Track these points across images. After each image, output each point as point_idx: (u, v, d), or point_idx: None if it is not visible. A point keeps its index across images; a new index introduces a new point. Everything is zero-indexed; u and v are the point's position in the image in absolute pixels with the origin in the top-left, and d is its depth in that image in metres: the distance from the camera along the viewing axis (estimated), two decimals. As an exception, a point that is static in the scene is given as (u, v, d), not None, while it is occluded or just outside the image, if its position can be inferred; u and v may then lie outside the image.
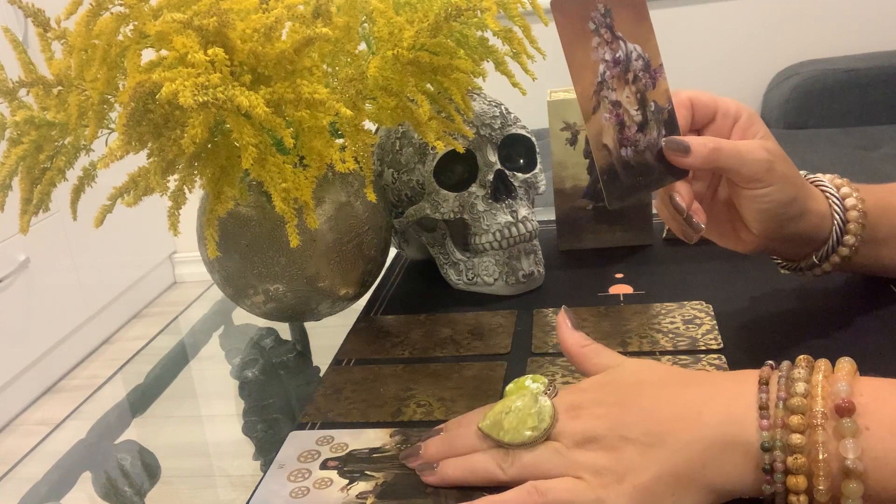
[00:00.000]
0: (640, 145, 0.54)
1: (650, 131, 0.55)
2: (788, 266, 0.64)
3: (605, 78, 0.53)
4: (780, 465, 0.39)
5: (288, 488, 0.50)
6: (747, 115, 0.58)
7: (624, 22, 0.53)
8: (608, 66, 0.53)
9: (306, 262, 0.66)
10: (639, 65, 0.54)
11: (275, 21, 0.51)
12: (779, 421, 0.39)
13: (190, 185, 0.56)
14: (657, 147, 0.55)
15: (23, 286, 2.19)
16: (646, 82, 0.54)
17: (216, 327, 0.83)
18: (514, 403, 0.46)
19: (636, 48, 0.54)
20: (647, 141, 0.55)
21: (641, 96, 0.54)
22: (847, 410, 0.38)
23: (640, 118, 0.54)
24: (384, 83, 0.59)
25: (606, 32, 0.53)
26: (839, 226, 0.58)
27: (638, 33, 0.54)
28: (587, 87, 0.53)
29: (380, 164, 0.78)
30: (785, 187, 0.56)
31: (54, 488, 0.57)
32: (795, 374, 0.41)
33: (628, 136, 0.54)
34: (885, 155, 1.90)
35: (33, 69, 0.59)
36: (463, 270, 0.76)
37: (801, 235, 0.59)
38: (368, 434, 0.55)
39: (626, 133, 0.54)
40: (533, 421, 0.44)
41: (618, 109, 0.54)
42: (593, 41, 0.52)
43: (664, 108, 0.55)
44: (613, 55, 0.53)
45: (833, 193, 0.59)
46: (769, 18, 2.29)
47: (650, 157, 0.55)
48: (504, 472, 0.45)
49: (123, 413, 0.68)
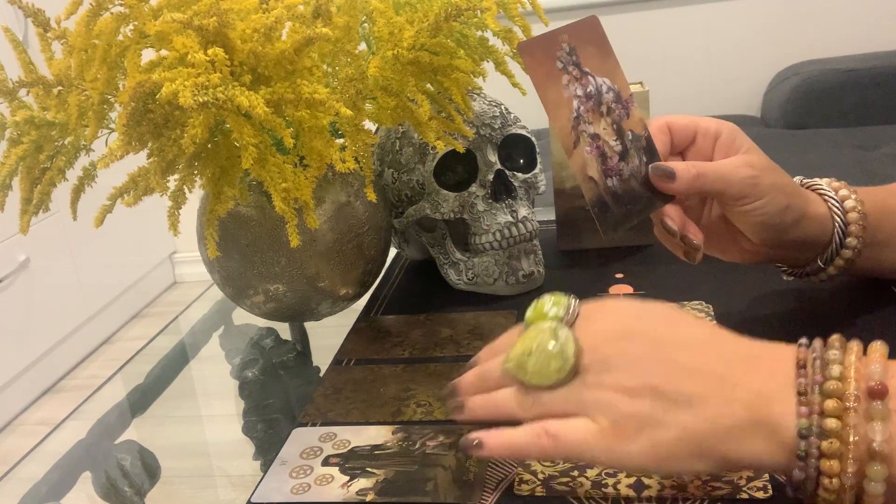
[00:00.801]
0: (624, 174, 0.55)
1: (631, 159, 0.56)
2: (793, 272, 0.63)
3: (581, 112, 0.54)
4: (814, 451, 0.38)
5: (289, 485, 0.50)
6: (728, 132, 0.57)
7: (589, 58, 0.55)
8: (581, 101, 0.54)
9: (306, 262, 0.66)
10: (610, 97, 0.56)
11: (275, 21, 0.51)
12: (816, 407, 0.38)
13: (190, 185, 0.56)
14: (641, 174, 0.56)
15: (23, 286, 2.19)
16: (619, 113, 0.56)
17: (216, 327, 0.83)
18: (534, 342, 0.43)
19: (605, 81, 0.56)
20: (631, 169, 0.56)
21: (618, 126, 0.56)
22: (880, 393, 0.37)
23: (619, 147, 0.55)
24: (384, 83, 0.59)
25: (574, 69, 0.54)
26: (840, 228, 0.58)
27: (604, 67, 0.56)
28: (565, 124, 0.54)
29: (380, 164, 0.78)
30: (775, 198, 0.55)
31: (54, 488, 0.57)
32: (830, 356, 0.39)
33: (612, 166, 0.55)
34: (885, 155, 1.89)
35: (33, 69, 0.59)
36: (463, 270, 0.76)
37: (802, 241, 0.58)
38: (370, 431, 0.55)
39: (609, 163, 0.55)
40: (557, 362, 0.42)
41: (597, 141, 0.55)
42: (563, 79, 0.54)
43: (641, 135, 0.56)
44: (585, 90, 0.55)
45: (831, 196, 0.59)
46: (769, 18, 2.29)
47: (636, 184, 0.56)
48: (525, 412, 0.44)
49: (123, 413, 0.68)
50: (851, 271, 0.61)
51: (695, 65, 2.34)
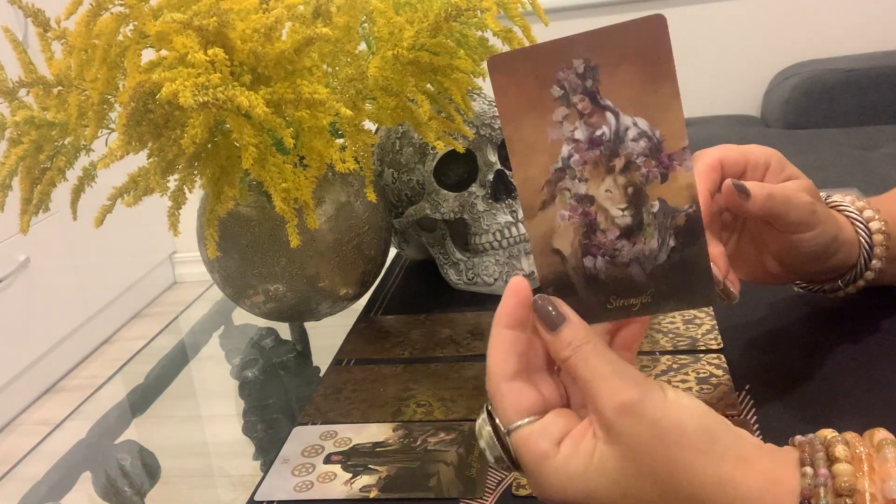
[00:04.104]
0: (620, 256, 0.40)
1: (645, 239, 0.40)
2: (808, 288, 0.62)
3: (571, 163, 0.39)
4: None
5: (292, 482, 0.51)
6: (777, 160, 0.54)
7: (623, 85, 0.38)
8: (578, 148, 0.39)
9: (306, 262, 0.66)
10: (640, 146, 0.39)
11: (275, 21, 0.51)
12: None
13: (190, 185, 0.56)
14: (654, 262, 0.40)
15: (23, 286, 2.19)
16: (648, 172, 0.39)
17: (216, 327, 0.83)
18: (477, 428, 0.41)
19: (639, 123, 0.39)
20: (637, 252, 0.40)
21: (635, 191, 0.40)
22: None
23: (627, 220, 0.40)
24: (384, 83, 0.59)
25: (582, 101, 0.39)
26: (866, 252, 0.57)
27: (648, 101, 0.38)
28: (536, 174, 0.40)
29: (380, 164, 0.78)
30: (827, 228, 0.53)
31: (54, 488, 0.57)
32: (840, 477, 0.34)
33: (600, 242, 0.40)
34: (885, 155, 1.89)
35: (33, 69, 0.59)
36: (463, 270, 0.76)
37: (832, 268, 0.57)
38: (371, 429, 0.55)
39: (598, 238, 0.40)
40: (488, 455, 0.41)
41: (586, 206, 0.40)
42: (556, 113, 0.39)
43: (679, 209, 0.39)
44: (589, 133, 0.39)
45: (858, 218, 0.57)
46: (769, 18, 2.29)
47: (638, 272, 0.40)
48: None
49: (123, 413, 0.68)
50: (869, 286, 0.60)
51: (695, 65, 2.34)
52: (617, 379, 0.37)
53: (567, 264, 0.41)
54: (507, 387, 0.39)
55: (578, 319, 0.40)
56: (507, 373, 0.40)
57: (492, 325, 0.41)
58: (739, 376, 0.55)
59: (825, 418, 0.50)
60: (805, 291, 0.63)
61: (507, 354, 0.40)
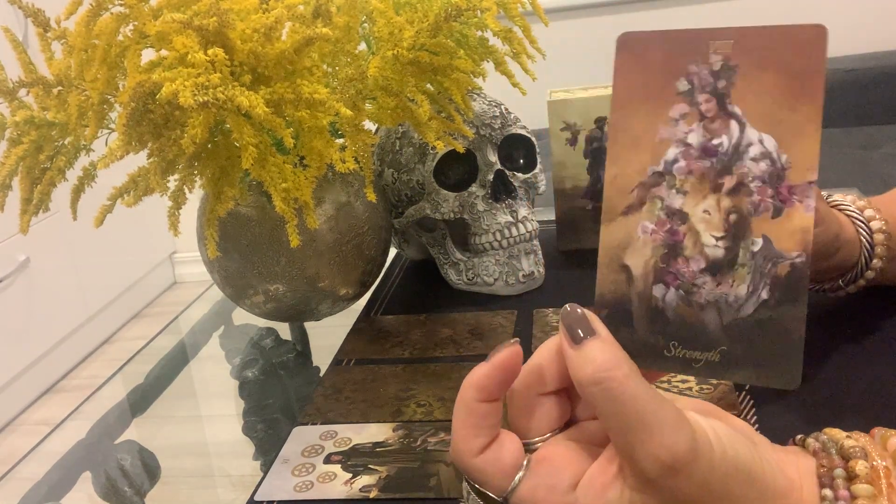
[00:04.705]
0: (698, 294, 0.33)
1: (733, 281, 0.33)
2: (809, 287, 0.62)
3: (674, 169, 0.34)
4: None
5: (292, 482, 0.51)
6: None
7: (759, 94, 0.33)
8: (686, 154, 0.34)
9: (306, 262, 0.66)
10: (758, 168, 0.33)
11: (275, 21, 0.51)
12: None
13: (190, 185, 0.56)
14: (736, 313, 0.33)
15: (23, 286, 2.19)
16: (759, 202, 0.33)
17: (216, 327, 0.83)
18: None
19: (765, 140, 0.33)
20: (718, 295, 0.33)
21: (738, 220, 0.33)
22: None
23: (718, 253, 0.33)
24: (384, 83, 0.59)
25: (709, 101, 0.34)
26: (867, 251, 0.57)
27: (783, 119, 0.33)
28: (630, 174, 0.34)
29: (380, 164, 0.78)
30: (829, 226, 0.53)
31: (54, 488, 0.57)
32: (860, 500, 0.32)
33: (680, 270, 0.34)
34: (885, 155, 1.90)
35: (33, 69, 0.59)
36: (463, 270, 0.76)
37: (833, 266, 0.57)
38: (371, 429, 0.55)
39: (678, 265, 0.34)
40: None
41: (676, 224, 0.34)
42: (675, 109, 0.34)
43: (785, 256, 0.32)
44: (705, 140, 0.33)
45: (859, 218, 0.57)
46: (769, 18, 2.29)
47: (713, 320, 0.33)
48: None
49: (123, 413, 0.68)
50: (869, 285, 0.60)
51: (695, 65, 2.33)
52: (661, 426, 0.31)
53: (632, 287, 0.34)
54: (482, 459, 0.34)
55: (612, 339, 0.33)
56: (476, 449, 0.34)
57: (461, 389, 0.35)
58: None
59: (825, 418, 0.50)
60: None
61: (478, 429, 0.34)
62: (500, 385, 0.34)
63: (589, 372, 0.32)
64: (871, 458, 0.33)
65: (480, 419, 0.34)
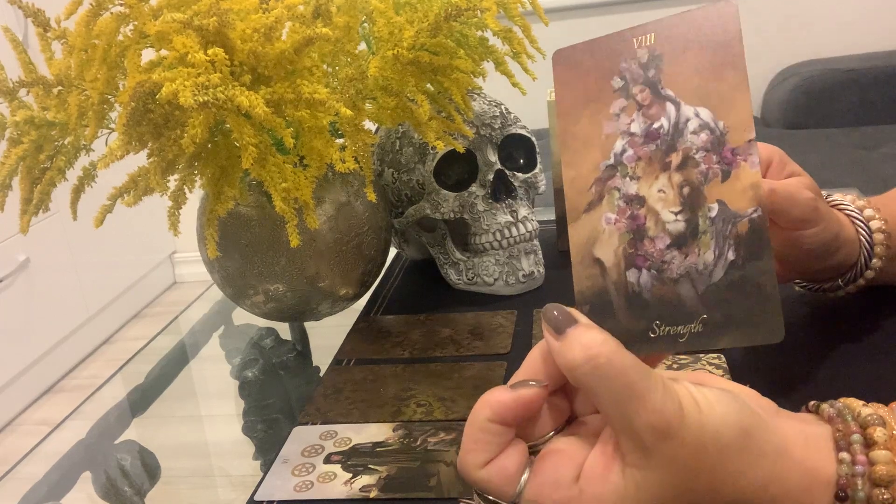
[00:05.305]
0: (669, 270, 0.35)
1: (699, 250, 0.34)
2: (807, 287, 0.62)
3: (624, 159, 0.36)
4: None
5: (292, 482, 0.51)
6: (779, 157, 0.54)
7: (687, 74, 0.35)
8: (632, 143, 0.35)
9: (306, 262, 0.66)
10: (700, 140, 0.35)
11: (275, 21, 0.51)
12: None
13: (190, 185, 0.56)
14: (709, 279, 0.34)
15: (23, 286, 2.19)
16: (707, 170, 0.34)
17: (216, 327, 0.83)
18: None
19: (702, 113, 0.35)
20: (688, 266, 0.34)
21: (691, 192, 0.35)
22: None
23: (679, 226, 0.35)
24: (384, 83, 0.59)
25: (642, 91, 0.36)
26: (866, 251, 0.57)
27: (713, 90, 0.35)
28: (586, 172, 0.36)
29: (380, 164, 0.78)
30: (829, 225, 0.53)
31: (54, 488, 0.57)
32: (879, 465, 0.33)
33: (648, 251, 0.35)
34: (885, 155, 1.90)
35: (33, 69, 0.59)
36: (463, 270, 0.76)
37: (833, 266, 0.57)
38: (371, 429, 0.55)
39: (645, 247, 0.35)
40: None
41: (635, 208, 0.35)
42: (614, 105, 0.36)
43: (741, 214, 0.34)
44: (646, 126, 0.35)
45: (859, 217, 0.57)
46: (769, 18, 2.29)
47: (689, 292, 0.34)
48: None
49: (123, 413, 0.68)
50: (869, 285, 0.60)
51: (695, 65, 2.33)
52: (651, 394, 0.32)
53: (608, 278, 0.35)
54: (487, 471, 0.35)
55: (593, 324, 0.34)
56: (481, 462, 0.35)
57: (476, 404, 0.36)
58: (739, 376, 0.55)
59: (825, 418, 0.50)
60: (805, 290, 0.63)
61: (487, 445, 0.35)
62: (516, 417, 0.35)
63: (577, 353, 0.33)
64: (889, 427, 0.34)
65: (491, 436, 0.35)
